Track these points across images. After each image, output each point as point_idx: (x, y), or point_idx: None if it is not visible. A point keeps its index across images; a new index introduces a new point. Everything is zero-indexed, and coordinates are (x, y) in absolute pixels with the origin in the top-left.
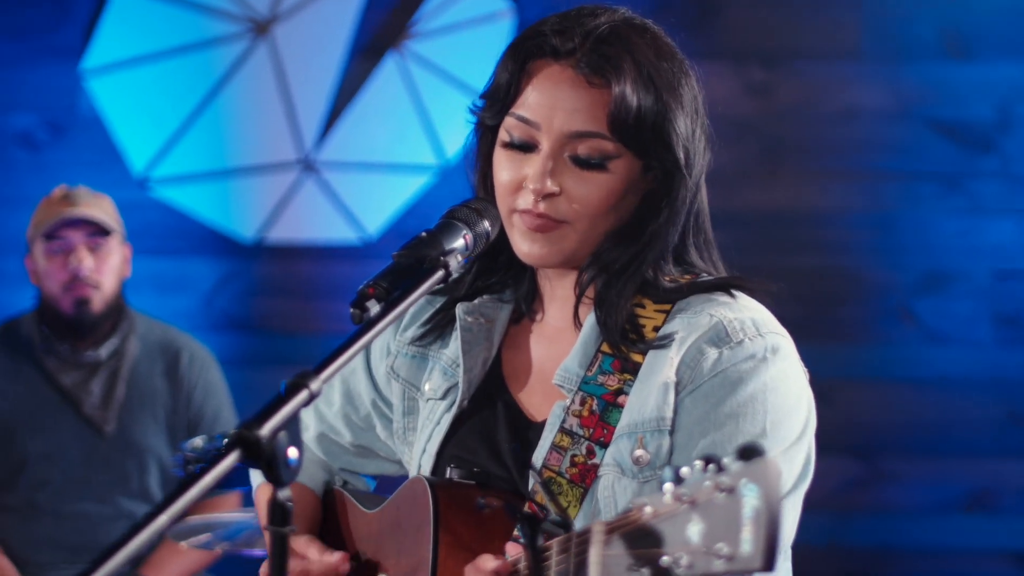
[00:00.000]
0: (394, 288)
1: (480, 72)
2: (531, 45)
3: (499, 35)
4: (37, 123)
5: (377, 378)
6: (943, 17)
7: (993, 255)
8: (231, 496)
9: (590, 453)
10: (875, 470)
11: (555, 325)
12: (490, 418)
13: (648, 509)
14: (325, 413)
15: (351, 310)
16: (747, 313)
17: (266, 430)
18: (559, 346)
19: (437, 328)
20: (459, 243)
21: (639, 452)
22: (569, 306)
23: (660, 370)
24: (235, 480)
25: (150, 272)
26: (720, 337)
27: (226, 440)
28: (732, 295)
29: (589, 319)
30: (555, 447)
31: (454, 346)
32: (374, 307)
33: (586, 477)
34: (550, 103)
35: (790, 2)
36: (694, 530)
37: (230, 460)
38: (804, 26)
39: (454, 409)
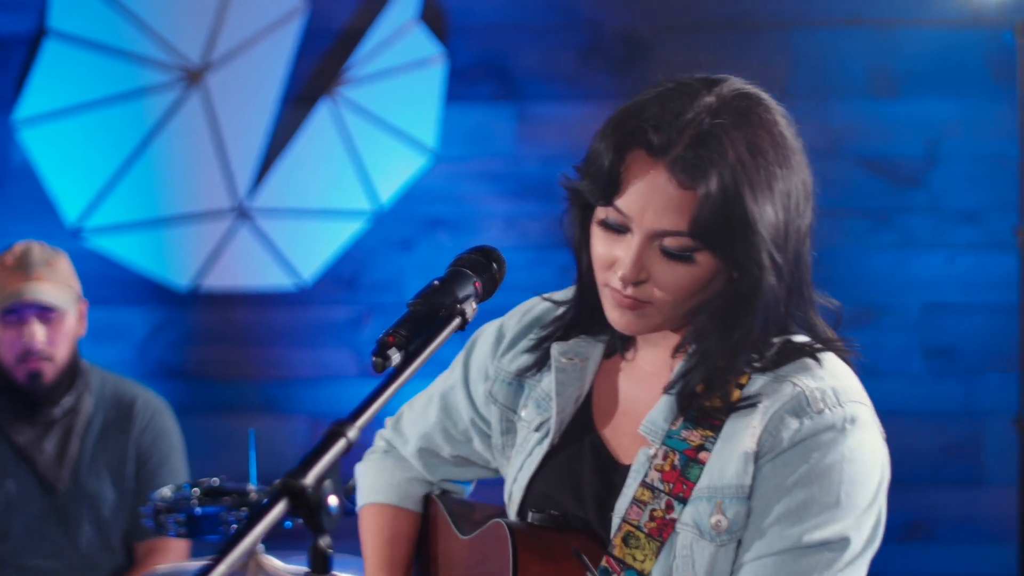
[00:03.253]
0: (413, 336)
1: (413, 117)
2: (631, 136)
3: (431, 80)
4: None
5: (475, 398)
6: (871, 56)
7: (923, 288)
8: (179, 544)
9: (668, 508)
10: None
11: (646, 368)
12: (577, 456)
13: None
14: (424, 428)
15: (373, 359)
16: (829, 381)
17: (310, 479)
18: (649, 390)
19: (535, 364)
20: (470, 290)
21: (717, 518)
22: (661, 352)
23: (742, 437)
24: (206, 528)
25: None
26: (801, 407)
27: (196, 489)
28: (817, 360)
29: (678, 372)
30: (636, 501)
31: (548, 380)
32: (395, 355)
33: (664, 531)
34: (642, 200)
35: (718, 41)
36: None
37: (279, 510)
38: (733, 65)
39: (545, 444)
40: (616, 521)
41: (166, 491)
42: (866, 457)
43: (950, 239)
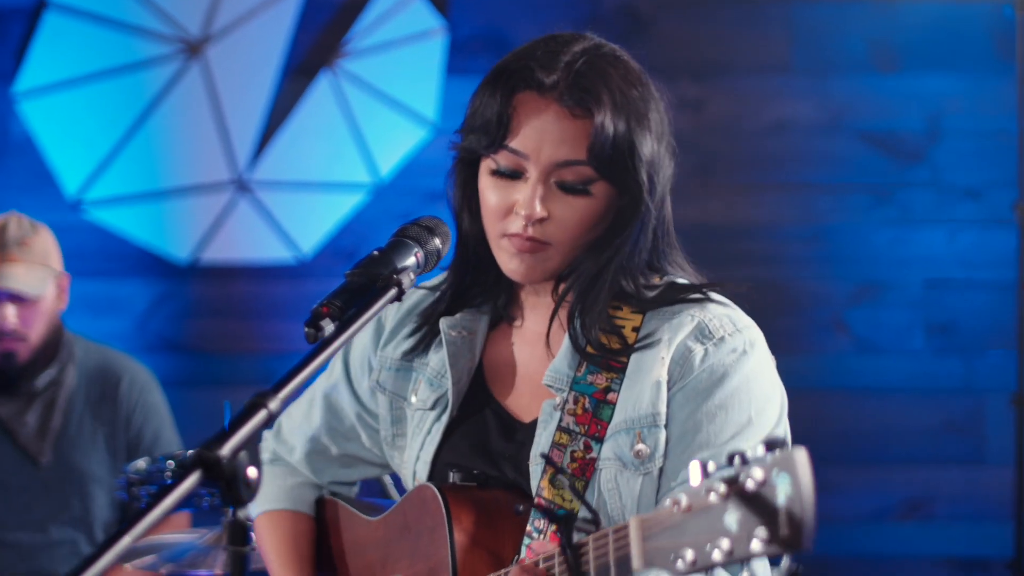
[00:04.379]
0: (348, 307)
1: (413, 90)
2: (516, 79)
3: (431, 53)
4: None
5: (360, 392)
6: (872, 30)
7: (924, 265)
8: (180, 516)
9: (587, 448)
10: None
11: (536, 330)
12: (480, 424)
13: (683, 502)
14: (309, 432)
15: (305, 329)
16: (722, 310)
17: (226, 450)
18: (541, 349)
19: (422, 342)
20: (411, 261)
21: (640, 446)
22: (546, 312)
23: (650, 369)
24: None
25: (84, 295)
26: (704, 334)
27: (171, 461)
28: (704, 294)
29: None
30: (555, 444)
31: (437, 358)
32: (328, 326)
33: (586, 471)
34: (538, 136)
35: (719, 17)
36: (731, 519)
37: (191, 481)
38: (734, 40)
39: (444, 418)
40: (538, 462)
41: (141, 463)
42: (767, 376)
43: (951, 215)
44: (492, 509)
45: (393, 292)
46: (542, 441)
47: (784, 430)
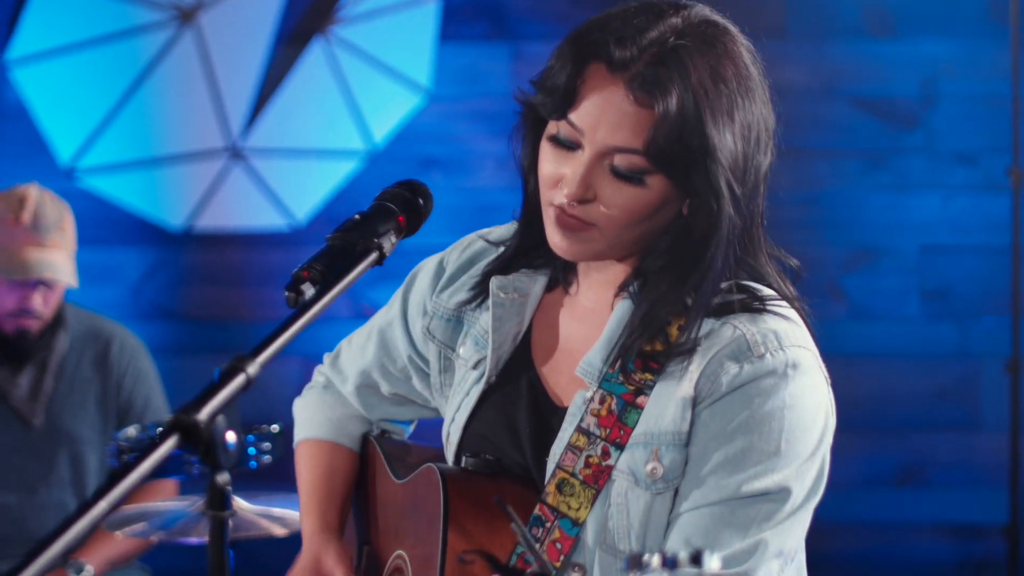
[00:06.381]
0: (329, 271)
1: (406, 57)
2: (591, 47)
3: (425, 19)
4: None
5: (414, 335)
6: None
7: (920, 231)
8: (167, 483)
9: (605, 454)
10: None
11: (587, 305)
12: (514, 396)
13: None
14: (363, 365)
15: (286, 293)
16: (771, 325)
17: (204, 414)
18: (588, 328)
19: (476, 298)
20: (392, 224)
21: (652, 465)
22: (603, 289)
23: (680, 381)
24: (171, 468)
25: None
26: (741, 351)
27: (161, 428)
28: (764, 304)
29: (617, 313)
30: (571, 447)
31: (486, 317)
32: (309, 290)
33: (599, 479)
34: (597, 114)
35: None
36: None
37: (168, 446)
38: (729, 6)
39: (482, 383)
40: (550, 467)
41: (131, 431)
42: (808, 404)
43: (946, 180)
44: (495, 505)
45: (374, 256)
46: (562, 440)
47: (820, 463)
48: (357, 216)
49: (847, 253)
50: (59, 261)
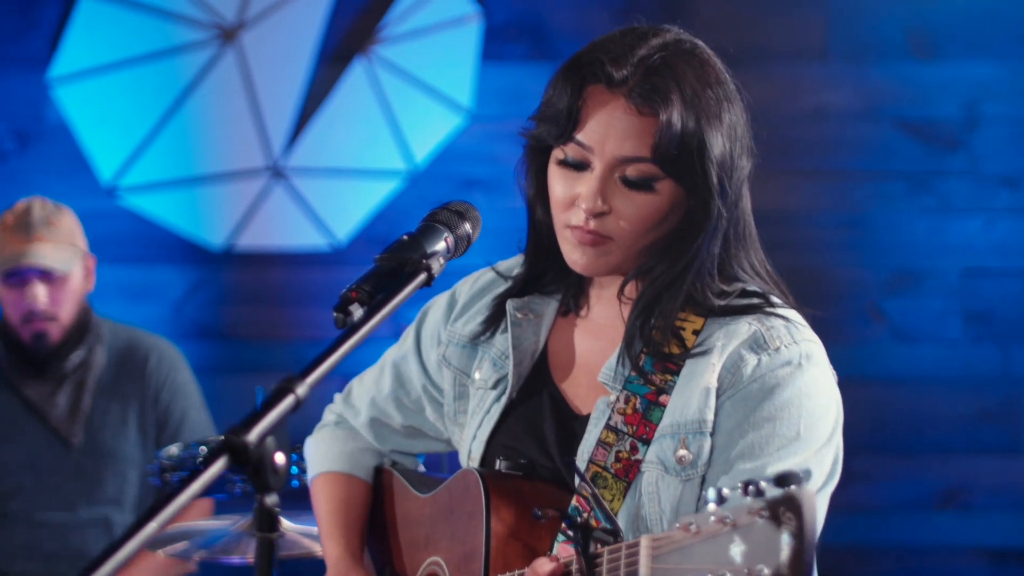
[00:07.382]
0: (377, 292)
1: (448, 76)
2: (587, 71)
3: (466, 39)
4: (4, 132)
5: (428, 365)
6: (909, 16)
7: (962, 253)
8: (204, 501)
9: (633, 449)
10: (847, 469)
11: (600, 322)
12: (537, 409)
13: (693, 527)
14: (376, 398)
15: (334, 314)
16: (783, 321)
17: (253, 435)
18: (603, 342)
19: (491, 327)
20: (440, 246)
21: (682, 452)
22: (614, 305)
23: (702, 374)
24: (213, 487)
25: (119, 281)
26: (759, 344)
27: (203, 447)
28: (771, 304)
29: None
30: (601, 443)
31: (502, 339)
32: (357, 311)
33: (629, 472)
34: (603, 130)
35: (756, 2)
36: (736, 551)
37: (218, 466)
38: (770, 26)
39: (504, 399)
40: (583, 463)
41: (173, 449)
42: (822, 392)
43: (988, 203)
44: (532, 502)
45: (423, 277)
46: (590, 440)
47: (835, 450)
48: (405, 236)
49: (889, 275)
50: (46, 251)
